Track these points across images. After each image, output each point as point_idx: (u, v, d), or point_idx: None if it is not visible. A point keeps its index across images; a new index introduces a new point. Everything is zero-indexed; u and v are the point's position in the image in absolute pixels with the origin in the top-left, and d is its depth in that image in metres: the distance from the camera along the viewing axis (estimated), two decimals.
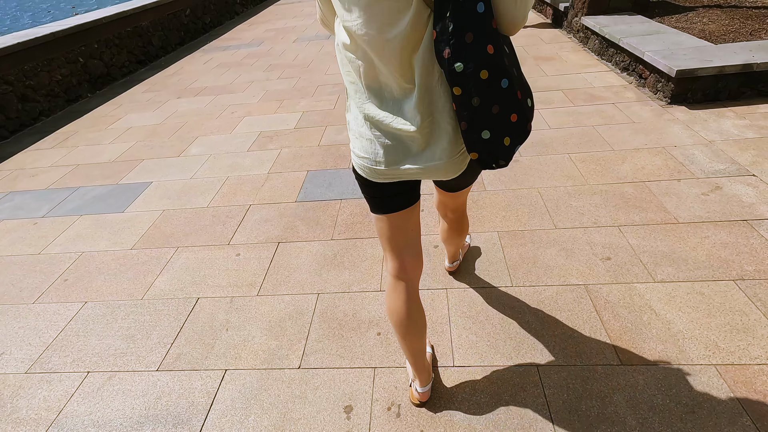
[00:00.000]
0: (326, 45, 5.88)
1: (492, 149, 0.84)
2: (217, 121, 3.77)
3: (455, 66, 0.74)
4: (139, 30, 6.00)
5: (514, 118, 0.83)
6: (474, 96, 0.77)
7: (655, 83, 3.20)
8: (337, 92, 4.09)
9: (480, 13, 0.72)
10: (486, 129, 0.81)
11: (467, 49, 0.73)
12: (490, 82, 0.76)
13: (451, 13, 0.71)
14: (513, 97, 0.81)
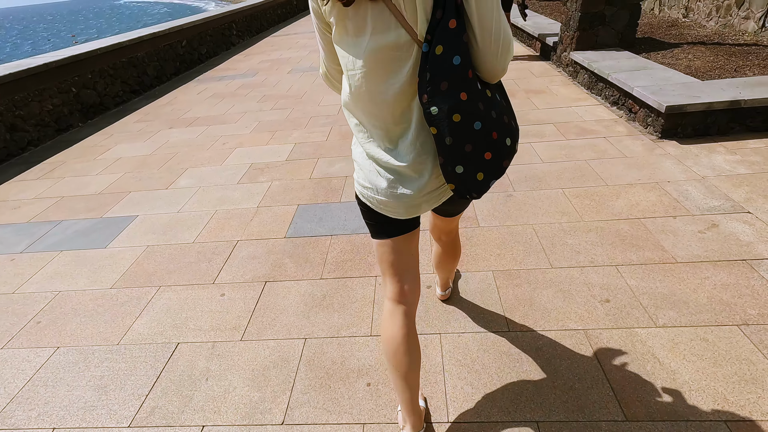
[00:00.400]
0: (319, 77, 5.95)
1: (465, 182, 0.92)
2: (208, 152, 3.74)
3: (431, 109, 0.84)
4: (134, 60, 6.04)
5: (488, 156, 0.91)
6: (447, 136, 0.86)
7: (645, 118, 3.23)
8: (329, 124, 4.10)
9: (456, 65, 0.81)
10: (459, 164, 0.89)
11: (442, 95, 0.83)
12: (463, 125, 0.85)
13: (430, 65, 0.81)
14: (487, 137, 0.89)
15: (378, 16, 0.82)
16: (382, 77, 0.87)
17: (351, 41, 0.87)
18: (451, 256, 1.52)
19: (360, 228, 2.42)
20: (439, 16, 0.79)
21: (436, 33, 0.79)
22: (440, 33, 0.79)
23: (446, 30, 0.79)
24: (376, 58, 0.85)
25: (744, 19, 4.61)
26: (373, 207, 1.06)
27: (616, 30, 4.43)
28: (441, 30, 0.79)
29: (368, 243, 2.29)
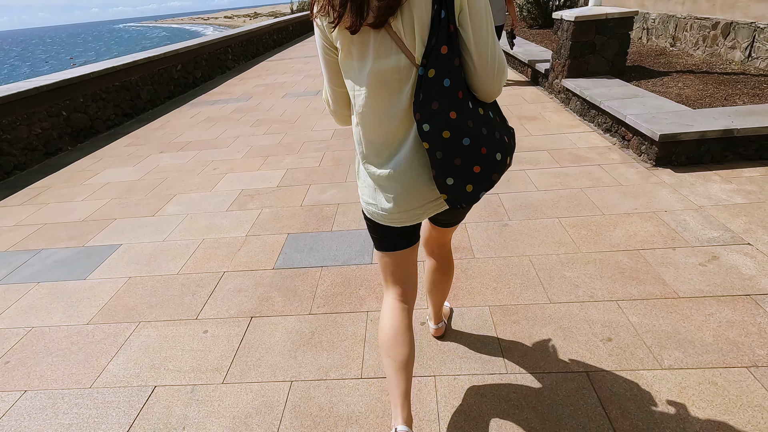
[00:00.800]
0: (314, 101, 5.97)
1: (455, 193, 1.00)
2: (198, 177, 3.67)
3: (423, 126, 0.92)
4: (127, 84, 6.04)
5: (477, 170, 0.97)
6: (437, 150, 0.94)
7: (638, 145, 3.22)
8: (322, 149, 4.06)
9: (446, 87, 0.89)
10: (450, 177, 0.97)
11: (433, 114, 0.90)
12: (452, 141, 0.92)
13: (422, 88, 0.90)
14: (476, 152, 0.95)
15: (381, 42, 0.90)
16: (386, 97, 0.95)
17: (356, 64, 0.95)
18: (444, 273, 1.48)
19: (351, 259, 2.34)
20: (433, 43, 0.87)
21: (430, 58, 0.88)
22: (433, 58, 0.88)
23: (438, 56, 0.87)
24: (379, 80, 0.94)
25: (730, 48, 4.70)
26: (378, 221, 1.15)
27: (607, 58, 4.49)
28: (434, 55, 0.87)
29: (359, 275, 2.21)
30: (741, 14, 4.55)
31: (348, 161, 3.71)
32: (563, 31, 4.56)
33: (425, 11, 0.86)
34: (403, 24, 0.87)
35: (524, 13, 9.47)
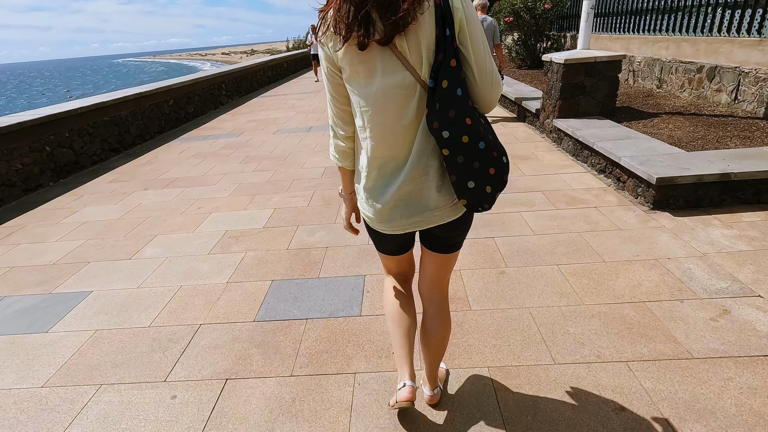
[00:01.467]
0: (305, 137, 5.93)
1: (476, 196, 1.07)
2: (182, 217, 3.52)
3: (442, 133, 0.99)
4: (116, 119, 5.97)
5: (492, 171, 1.06)
6: (458, 155, 1.01)
7: (635, 188, 3.16)
8: (312, 187, 3.96)
9: (459, 96, 0.99)
10: (470, 180, 1.04)
11: (451, 121, 0.98)
12: (470, 145, 1.01)
13: (438, 97, 0.97)
14: (489, 155, 1.05)
15: (387, 61, 0.98)
16: (393, 111, 1.03)
17: (363, 82, 1.02)
18: (442, 324, 1.39)
19: (338, 310, 2.18)
20: (441, 58, 0.97)
21: (440, 71, 0.97)
22: (444, 70, 0.97)
23: (449, 68, 0.97)
24: (386, 96, 1.01)
25: (716, 91, 4.79)
26: (378, 229, 1.22)
27: (597, 100, 4.53)
28: (444, 68, 0.97)
29: (347, 329, 2.04)
30: (725, 59, 4.66)
31: (339, 200, 3.60)
32: (553, 72, 4.62)
33: (430, 32, 0.96)
34: (408, 43, 0.96)
35: (513, 54, 9.76)
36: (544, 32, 9.07)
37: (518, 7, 8.69)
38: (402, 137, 1.06)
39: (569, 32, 9.06)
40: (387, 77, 0.99)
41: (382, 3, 0.92)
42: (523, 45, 9.31)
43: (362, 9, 0.92)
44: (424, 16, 0.95)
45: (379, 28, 0.93)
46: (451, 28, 0.96)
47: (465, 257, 2.56)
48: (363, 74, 1.01)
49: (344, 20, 0.94)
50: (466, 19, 0.97)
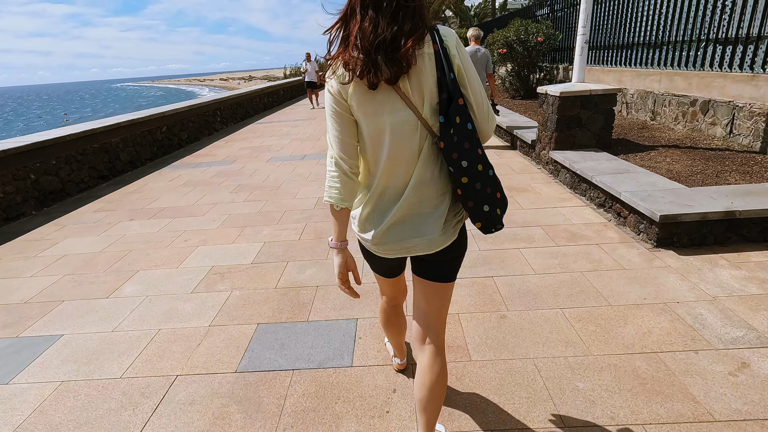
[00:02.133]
0: (299, 166, 5.85)
1: (490, 219, 1.17)
2: (166, 250, 3.36)
3: (461, 163, 1.10)
4: (106, 146, 5.87)
5: (499, 195, 1.19)
6: (477, 182, 1.13)
7: (636, 224, 3.07)
8: (304, 220, 3.83)
9: (470, 130, 1.11)
10: (486, 204, 1.16)
11: (467, 152, 1.10)
12: (484, 172, 1.13)
13: (455, 131, 1.09)
14: (496, 180, 1.18)
15: (392, 100, 1.09)
16: (397, 145, 1.12)
17: (372, 119, 1.11)
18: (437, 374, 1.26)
19: (328, 359, 2.01)
20: (445, 97, 1.08)
21: (452, 109, 1.08)
22: (454, 109, 1.09)
23: (458, 106, 1.09)
24: (394, 131, 1.11)
25: (711, 125, 4.80)
26: (374, 252, 1.28)
27: (593, 132, 4.51)
28: (454, 107, 1.09)
29: (337, 383, 1.87)
30: (718, 93, 4.69)
31: (331, 233, 3.47)
32: (549, 105, 4.62)
33: (431, 75, 1.07)
34: (410, 85, 1.07)
35: (506, 85, 9.89)
36: (536, 64, 9.22)
37: (511, 40, 8.86)
38: (403, 168, 1.15)
39: (561, 64, 9.22)
40: (392, 115, 1.10)
41: (387, 47, 1.02)
42: (516, 76, 9.44)
43: (370, 54, 1.03)
44: (425, 62, 1.07)
45: (385, 71, 1.04)
46: (453, 71, 1.10)
47: (463, 299, 2.43)
48: (370, 112, 1.10)
49: (354, 64, 1.05)
50: (463, 65, 1.11)
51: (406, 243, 1.19)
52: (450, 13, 33.73)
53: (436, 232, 1.18)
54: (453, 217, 1.21)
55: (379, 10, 1.02)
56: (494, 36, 9.42)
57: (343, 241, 1.24)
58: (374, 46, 1.02)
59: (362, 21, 1.03)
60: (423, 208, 1.18)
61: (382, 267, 1.38)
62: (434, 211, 1.18)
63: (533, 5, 12.24)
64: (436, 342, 1.30)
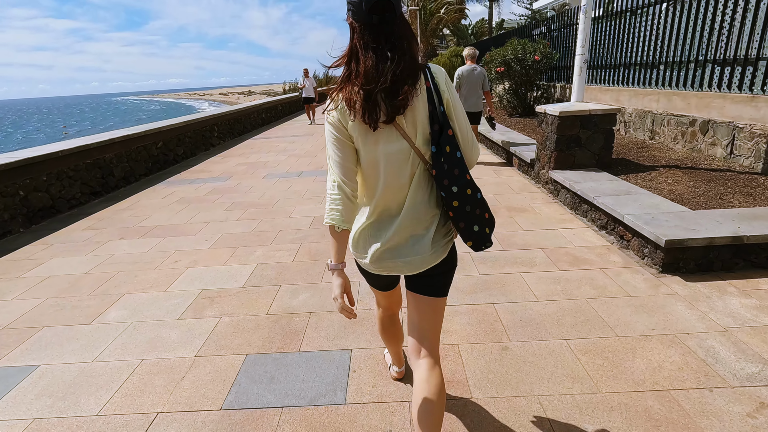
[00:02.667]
0: (295, 183, 5.77)
1: (480, 238, 1.29)
2: (155, 272, 3.24)
3: (452, 188, 1.22)
4: (100, 162, 5.78)
5: (487, 216, 1.30)
6: (467, 205, 1.24)
7: (640, 248, 2.98)
8: (299, 240, 3.73)
9: (459, 158, 1.23)
10: (475, 224, 1.27)
11: (457, 178, 1.22)
12: (473, 196, 1.25)
13: (445, 159, 1.20)
14: (484, 202, 1.29)
15: (389, 132, 1.18)
16: (392, 171, 1.21)
17: (371, 148, 1.20)
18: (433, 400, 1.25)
19: (320, 396, 1.89)
20: (437, 129, 1.19)
21: (442, 139, 1.19)
22: (445, 139, 1.20)
23: (448, 137, 1.20)
24: (389, 159, 1.20)
25: (711, 145, 4.76)
26: (369, 270, 1.35)
27: (592, 152, 4.46)
28: (445, 137, 1.20)
29: (329, 423, 1.74)
30: (717, 114, 4.67)
31: (326, 255, 3.37)
32: (548, 124, 4.58)
33: (423, 110, 1.18)
34: (405, 119, 1.17)
35: (504, 103, 9.92)
36: (534, 82, 9.27)
37: (509, 58, 8.92)
38: (398, 192, 1.24)
39: (558, 82, 9.27)
40: (388, 144, 1.20)
41: (387, 90, 1.12)
42: (513, 94, 9.48)
43: (371, 96, 1.12)
44: (419, 99, 1.18)
45: (384, 110, 1.14)
46: (443, 106, 1.22)
47: (463, 327, 2.32)
48: (369, 142, 1.20)
49: (356, 104, 1.14)
50: (451, 99, 1.23)
51: (400, 261, 1.27)
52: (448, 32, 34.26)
53: (427, 251, 1.26)
54: (442, 237, 1.30)
55: (379, 52, 1.13)
56: (492, 54, 9.49)
57: (342, 262, 1.29)
58: (375, 90, 1.12)
59: (365, 61, 1.13)
60: (416, 230, 1.26)
61: (378, 282, 1.48)
62: (426, 232, 1.27)
63: (529, 25, 12.40)
64: (432, 354, 1.33)
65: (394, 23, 1.13)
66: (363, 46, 1.13)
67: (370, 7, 1.10)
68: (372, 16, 1.11)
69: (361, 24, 1.12)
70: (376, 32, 1.12)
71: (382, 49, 1.12)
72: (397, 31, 1.14)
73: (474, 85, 5.78)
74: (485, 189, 4.91)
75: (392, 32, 1.13)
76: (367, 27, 1.12)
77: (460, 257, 3.03)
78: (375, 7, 1.10)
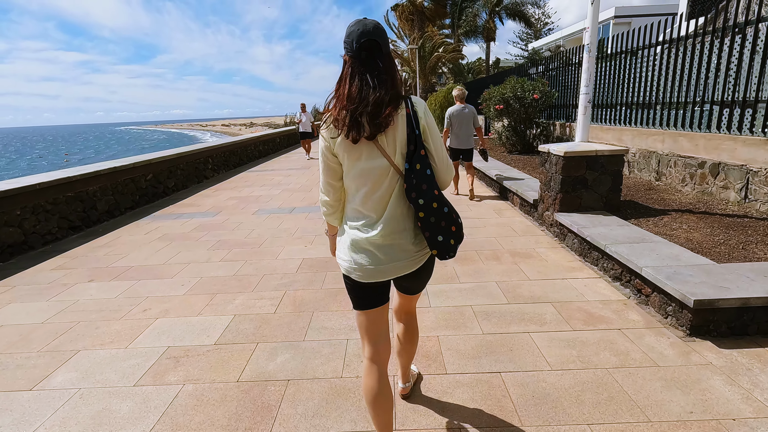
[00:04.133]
0: (286, 220, 5.49)
1: (444, 248, 1.44)
2: (120, 323, 2.89)
3: (419, 201, 1.38)
4: (82, 195, 5.51)
5: (453, 229, 1.45)
6: (431, 216, 1.40)
7: (662, 305, 2.67)
8: (284, 287, 3.40)
9: (428, 174, 1.40)
10: (440, 235, 1.42)
11: (424, 192, 1.38)
12: (438, 209, 1.40)
13: (414, 176, 1.38)
14: (451, 217, 1.44)
15: (370, 150, 1.38)
16: (375, 184, 1.40)
17: (353, 164, 1.40)
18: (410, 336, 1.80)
19: None
20: (412, 149, 1.39)
21: (414, 158, 1.38)
22: (417, 157, 1.39)
23: (420, 156, 1.39)
24: (370, 173, 1.39)
25: (723, 188, 4.54)
26: (355, 279, 1.48)
27: (600, 194, 4.22)
28: (417, 156, 1.39)
29: None
30: (728, 156, 4.47)
31: (313, 305, 3.04)
32: (552, 164, 4.36)
33: (402, 132, 1.38)
34: (386, 139, 1.37)
35: (503, 140, 9.83)
36: (533, 119, 9.21)
37: (508, 96, 8.88)
38: (378, 203, 1.41)
39: (558, 121, 9.21)
40: (370, 161, 1.37)
41: (370, 112, 1.30)
42: (512, 131, 9.40)
43: (355, 116, 1.30)
44: (398, 122, 1.35)
45: (367, 129, 1.32)
46: (419, 129, 1.39)
47: (466, 404, 1.96)
48: (353, 158, 1.37)
49: (343, 123, 1.32)
50: (428, 125, 1.41)
51: (381, 267, 1.43)
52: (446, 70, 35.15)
53: (405, 259, 1.44)
54: (419, 248, 1.47)
55: (364, 80, 1.31)
56: (490, 92, 9.47)
57: (335, 233, 1.62)
58: (359, 110, 1.30)
59: (350, 87, 1.32)
60: (395, 239, 1.42)
61: (365, 298, 1.53)
62: (404, 242, 1.44)
63: (526, 64, 12.55)
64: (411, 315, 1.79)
65: (380, 59, 1.34)
66: (351, 75, 1.33)
67: (359, 46, 1.32)
68: (361, 52, 1.32)
69: (353, 58, 1.34)
70: (364, 65, 1.33)
71: (367, 79, 1.31)
72: (382, 66, 1.34)
73: (465, 124, 5.88)
74: (486, 231, 4.64)
75: (378, 66, 1.33)
76: (357, 60, 1.33)
77: (461, 311, 2.70)
78: (364, 45, 1.32)
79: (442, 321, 2.74)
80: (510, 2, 27.46)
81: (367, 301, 1.52)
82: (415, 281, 1.58)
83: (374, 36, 1.31)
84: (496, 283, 3.29)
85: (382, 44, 1.33)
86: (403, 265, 1.44)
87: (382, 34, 1.34)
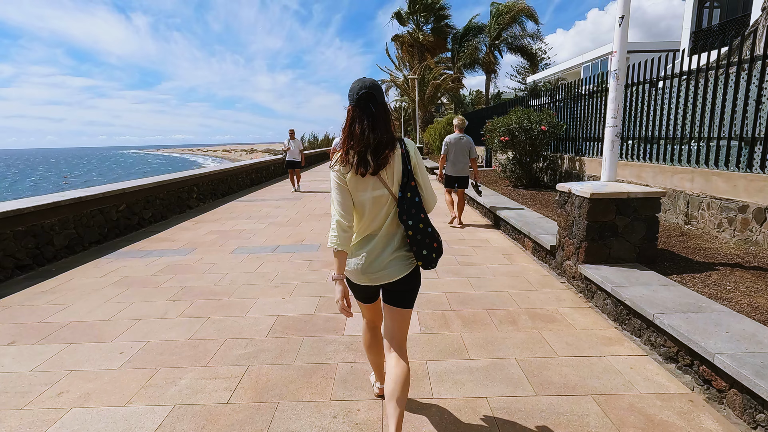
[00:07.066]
0: (266, 262, 4.80)
1: (428, 260, 1.78)
2: (20, 414, 2.17)
3: (408, 222, 1.72)
4: (36, 229, 4.84)
5: (435, 245, 1.79)
6: (418, 235, 1.74)
7: (745, 406, 1.97)
8: (246, 359, 2.68)
9: (417, 201, 1.75)
10: (424, 250, 1.76)
11: (413, 215, 1.73)
12: (424, 229, 1.75)
13: (405, 202, 1.73)
14: (433, 235, 1.78)
15: (374, 182, 1.72)
16: (377, 209, 1.74)
17: (360, 194, 1.73)
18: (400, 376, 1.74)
19: None
20: (405, 180, 1.75)
21: (406, 188, 1.74)
22: (408, 187, 1.74)
23: (411, 186, 1.75)
24: (373, 202, 1.73)
25: None
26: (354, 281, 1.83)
27: (632, 243, 3.58)
28: (408, 186, 1.74)
29: None
30: None
31: (280, 391, 2.33)
32: (574, 207, 3.73)
33: (398, 167, 1.74)
34: (387, 173, 1.71)
35: (507, 173, 9.28)
36: (540, 152, 8.70)
37: (513, 127, 8.40)
38: (377, 223, 1.77)
39: (566, 154, 8.68)
40: (374, 191, 1.73)
41: (374, 151, 1.68)
42: (518, 164, 8.87)
43: (363, 155, 1.68)
44: (396, 160, 1.74)
45: (372, 165, 1.68)
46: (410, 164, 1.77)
47: None
48: (360, 189, 1.72)
49: (352, 160, 1.68)
50: (417, 162, 1.79)
51: (376, 274, 1.76)
52: (446, 101, 35.27)
53: (394, 266, 1.76)
54: (406, 259, 1.79)
55: (364, 124, 1.68)
56: (494, 123, 9.00)
57: (342, 274, 1.76)
58: (366, 150, 1.68)
59: (352, 128, 1.70)
60: (386, 251, 1.76)
61: (362, 294, 1.90)
62: (394, 253, 1.77)
63: (528, 95, 12.20)
64: (399, 350, 1.83)
65: (374, 106, 1.70)
66: (353, 119, 1.71)
67: (359, 96, 1.69)
68: (360, 101, 1.69)
69: (354, 107, 1.71)
70: (363, 111, 1.69)
71: (368, 124, 1.68)
72: (379, 114, 1.71)
73: (461, 152, 6.11)
74: (497, 282, 3.96)
75: (372, 112, 1.70)
76: (358, 108, 1.70)
77: (473, 408, 1.97)
78: (362, 96, 1.69)
79: (450, 425, 2.03)
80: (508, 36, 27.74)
81: (364, 296, 1.92)
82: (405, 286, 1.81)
83: (371, 89, 1.69)
84: (516, 361, 2.59)
85: (376, 95, 1.71)
86: (389, 273, 1.76)
87: (377, 89, 1.71)
